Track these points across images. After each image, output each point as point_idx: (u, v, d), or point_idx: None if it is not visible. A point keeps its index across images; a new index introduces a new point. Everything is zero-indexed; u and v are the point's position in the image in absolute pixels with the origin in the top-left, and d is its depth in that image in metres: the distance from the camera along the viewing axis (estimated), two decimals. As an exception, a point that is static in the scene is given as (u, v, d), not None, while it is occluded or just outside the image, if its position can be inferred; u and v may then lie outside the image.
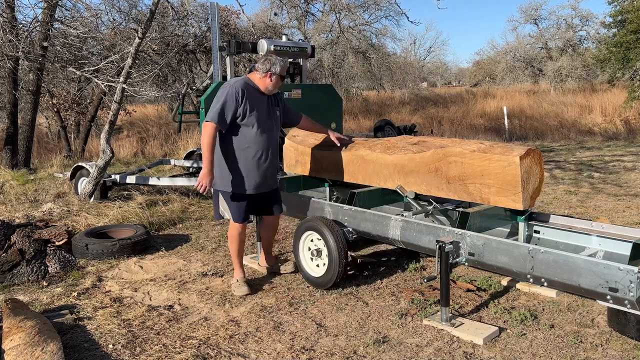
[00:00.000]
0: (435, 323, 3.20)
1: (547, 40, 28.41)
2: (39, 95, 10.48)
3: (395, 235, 3.54)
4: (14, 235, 4.48)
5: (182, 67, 14.11)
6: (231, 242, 3.94)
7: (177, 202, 6.66)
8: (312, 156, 4.51)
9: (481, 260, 3.07)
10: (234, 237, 3.91)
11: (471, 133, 14.56)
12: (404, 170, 3.72)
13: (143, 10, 12.57)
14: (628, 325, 2.91)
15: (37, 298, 3.82)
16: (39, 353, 2.66)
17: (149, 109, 20.47)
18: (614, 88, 19.28)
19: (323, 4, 20.53)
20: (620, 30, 15.76)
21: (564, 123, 15.24)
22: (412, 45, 36.84)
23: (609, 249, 3.21)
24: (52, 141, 14.32)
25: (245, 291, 3.79)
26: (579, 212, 5.94)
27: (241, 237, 3.91)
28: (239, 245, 3.92)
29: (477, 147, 3.30)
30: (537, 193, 3.19)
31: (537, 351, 2.88)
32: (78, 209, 5.99)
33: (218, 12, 4.99)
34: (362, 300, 3.65)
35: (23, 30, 9.12)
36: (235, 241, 3.91)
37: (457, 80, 45.13)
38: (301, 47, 5.34)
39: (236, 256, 3.95)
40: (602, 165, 9.21)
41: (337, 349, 2.97)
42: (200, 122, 4.69)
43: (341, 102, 5.68)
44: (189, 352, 2.94)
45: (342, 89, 20.98)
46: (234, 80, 3.73)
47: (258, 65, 3.72)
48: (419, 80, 28.57)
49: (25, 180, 8.39)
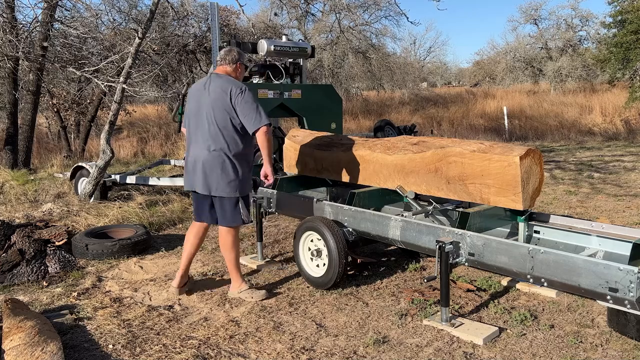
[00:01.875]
0: (435, 323, 3.20)
1: (547, 40, 28.42)
2: (39, 95, 10.48)
3: (395, 236, 3.54)
4: (14, 235, 4.48)
5: (182, 67, 14.11)
6: (233, 248, 3.73)
7: (177, 202, 6.66)
8: (312, 156, 4.51)
9: (481, 260, 3.07)
10: (235, 243, 3.74)
11: (471, 133, 14.56)
12: (404, 170, 3.72)
13: (143, 10, 12.59)
14: (628, 325, 2.91)
15: (37, 298, 3.82)
16: (39, 353, 2.66)
17: (149, 109, 20.48)
18: (614, 88, 19.28)
19: (323, 4, 20.55)
20: (620, 31, 15.76)
21: (564, 123, 15.24)
22: (412, 46, 36.88)
23: (609, 249, 3.21)
24: (52, 141, 14.32)
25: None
26: (579, 212, 5.94)
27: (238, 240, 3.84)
28: (238, 250, 3.82)
29: (477, 147, 3.30)
30: (537, 193, 3.19)
31: (537, 351, 2.88)
32: (78, 209, 5.99)
33: (218, 12, 5.00)
34: (362, 300, 3.65)
35: (23, 31, 9.12)
36: (237, 246, 3.77)
37: (457, 81, 45.10)
38: (301, 47, 5.34)
39: (237, 263, 3.78)
40: (602, 165, 9.21)
41: (337, 349, 2.97)
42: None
43: (341, 102, 5.67)
44: (189, 352, 2.94)
45: (342, 89, 20.99)
46: (238, 82, 3.61)
47: (228, 58, 3.66)
48: (419, 80, 28.58)
49: (25, 180, 8.38)
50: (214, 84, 3.59)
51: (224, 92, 3.51)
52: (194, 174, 3.63)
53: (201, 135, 3.58)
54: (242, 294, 3.72)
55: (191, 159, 3.65)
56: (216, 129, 3.52)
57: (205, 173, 3.56)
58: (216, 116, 3.52)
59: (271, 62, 5.40)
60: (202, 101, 3.60)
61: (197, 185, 3.62)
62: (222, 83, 3.57)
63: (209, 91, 3.58)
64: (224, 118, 3.51)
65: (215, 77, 3.64)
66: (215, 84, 3.58)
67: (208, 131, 3.54)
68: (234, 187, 3.58)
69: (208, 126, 3.54)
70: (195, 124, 3.63)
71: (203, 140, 3.57)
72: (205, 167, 3.55)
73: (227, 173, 3.54)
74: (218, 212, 3.69)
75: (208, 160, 3.54)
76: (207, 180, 3.57)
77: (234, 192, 3.59)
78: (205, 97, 3.58)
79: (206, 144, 3.56)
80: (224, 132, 3.52)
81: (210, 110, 3.54)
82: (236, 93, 3.48)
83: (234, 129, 3.53)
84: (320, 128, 5.14)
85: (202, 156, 3.57)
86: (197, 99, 3.65)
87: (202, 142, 3.58)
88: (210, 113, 3.54)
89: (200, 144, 3.60)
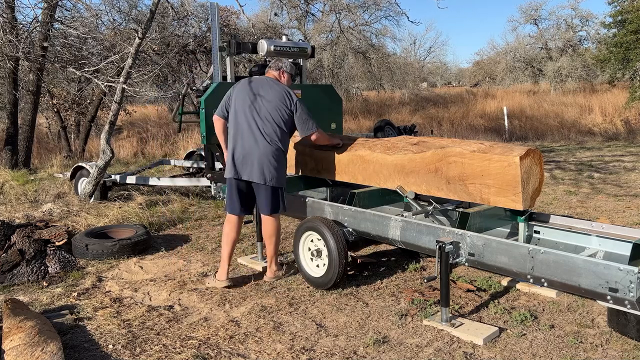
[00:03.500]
0: (435, 323, 3.20)
1: (547, 40, 28.41)
2: (39, 96, 10.48)
3: (395, 236, 3.54)
4: (14, 235, 4.48)
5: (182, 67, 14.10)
6: (278, 236, 4.03)
7: (177, 202, 6.66)
8: (312, 156, 4.51)
9: (481, 260, 3.07)
10: (278, 230, 4.03)
11: (471, 133, 14.56)
12: (404, 170, 3.72)
13: (143, 10, 12.57)
14: (628, 325, 2.91)
15: (37, 298, 3.82)
16: (39, 353, 2.66)
17: (149, 109, 20.46)
18: (614, 88, 19.29)
19: (323, 4, 20.53)
20: (620, 31, 15.75)
21: (564, 123, 15.24)
22: (412, 46, 36.87)
23: (609, 249, 3.21)
24: (52, 141, 14.32)
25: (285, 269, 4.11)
26: (579, 213, 5.94)
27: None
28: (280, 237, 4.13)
29: (477, 148, 3.30)
30: (537, 193, 3.19)
31: (537, 351, 2.88)
32: (78, 209, 5.99)
33: (218, 13, 4.99)
34: (362, 300, 3.65)
35: (23, 31, 9.11)
36: (279, 233, 4.06)
37: (457, 81, 45.10)
38: (301, 48, 5.34)
39: (277, 250, 4.08)
40: (602, 165, 9.21)
41: (337, 349, 2.97)
42: (201, 122, 4.68)
43: (341, 102, 5.67)
44: (189, 353, 2.94)
45: (342, 89, 20.99)
46: (288, 88, 3.99)
47: (275, 64, 4.10)
48: (419, 80, 28.58)
49: (25, 180, 8.38)
50: (268, 86, 3.95)
51: (284, 97, 3.89)
52: (250, 166, 3.85)
53: (257, 129, 3.86)
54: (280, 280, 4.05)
55: (242, 151, 3.86)
56: (274, 126, 3.86)
57: (261, 164, 3.82)
58: (274, 115, 3.87)
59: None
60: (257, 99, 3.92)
61: (254, 175, 3.84)
62: (278, 88, 3.95)
63: (266, 92, 3.91)
64: (281, 118, 3.89)
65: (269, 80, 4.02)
66: (270, 87, 3.94)
67: (270, 127, 3.86)
68: (280, 177, 3.90)
69: (269, 122, 3.87)
70: (248, 119, 3.89)
71: (259, 134, 3.85)
72: (262, 159, 3.82)
73: (282, 165, 3.92)
74: (264, 201, 3.92)
75: (266, 153, 3.82)
76: (264, 171, 3.83)
77: (281, 182, 3.92)
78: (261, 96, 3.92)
79: (265, 138, 3.86)
80: (279, 130, 3.88)
81: (270, 109, 3.88)
82: (294, 100, 3.92)
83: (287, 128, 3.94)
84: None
85: (258, 149, 3.83)
86: (248, 97, 3.93)
87: (259, 135, 3.86)
88: (269, 111, 3.88)
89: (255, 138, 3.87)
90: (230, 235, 3.99)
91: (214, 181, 5.03)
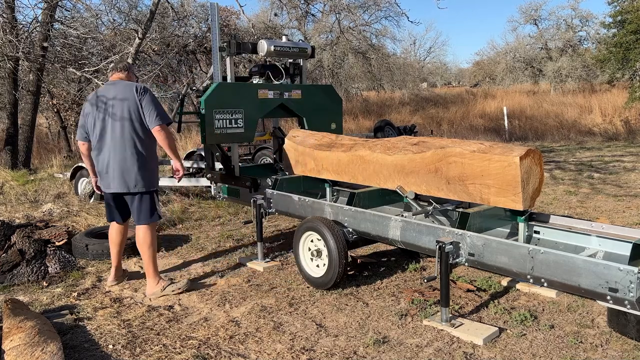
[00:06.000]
0: (435, 323, 3.20)
1: (547, 40, 28.42)
2: (39, 96, 10.48)
3: (395, 236, 3.54)
4: (14, 235, 4.48)
5: (182, 67, 14.12)
6: (153, 244, 3.89)
7: (177, 202, 6.66)
8: (312, 156, 4.51)
9: (481, 260, 3.07)
10: (152, 241, 3.89)
11: (471, 133, 14.56)
12: (404, 170, 3.72)
13: (143, 10, 12.59)
14: (628, 325, 2.91)
15: (37, 298, 3.82)
16: (39, 353, 2.66)
17: (149, 109, 20.44)
18: (613, 88, 19.30)
19: (323, 4, 20.55)
20: (620, 31, 15.76)
21: (563, 123, 15.24)
22: (412, 46, 36.86)
23: (609, 249, 3.21)
24: (52, 141, 14.32)
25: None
26: (579, 213, 5.94)
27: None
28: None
29: (477, 148, 3.30)
30: (537, 193, 3.19)
31: (537, 352, 2.88)
32: (78, 210, 5.99)
33: (218, 13, 4.99)
34: (362, 300, 3.65)
35: (23, 31, 9.12)
36: (154, 244, 3.91)
37: (457, 81, 45.11)
38: (301, 48, 5.34)
39: (155, 261, 3.91)
40: (602, 165, 9.21)
41: (337, 349, 2.97)
42: (201, 123, 4.68)
43: (341, 102, 5.67)
44: (189, 353, 2.94)
45: (342, 90, 21.00)
46: (134, 82, 3.86)
47: (121, 66, 3.95)
48: (418, 80, 28.59)
49: (25, 180, 8.39)
50: (114, 87, 3.80)
51: (131, 90, 3.73)
52: (112, 177, 3.75)
53: (115, 135, 3.72)
54: (166, 290, 3.85)
55: (103, 162, 3.77)
56: (131, 124, 3.71)
57: (121, 171, 3.71)
58: (126, 113, 3.72)
59: (271, 63, 5.40)
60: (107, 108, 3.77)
61: (115, 185, 3.76)
62: (124, 83, 3.81)
63: (115, 93, 3.75)
64: (134, 113, 3.73)
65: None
66: (115, 86, 3.80)
67: (128, 127, 3.71)
68: (149, 180, 3.82)
69: (126, 121, 3.72)
70: (106, 127, 3.76)
71: (117, 139, 3.72)
72: (121, 166, 3.71)
73: (145, 167, 3.78)
74: (135, 210, 3.85)
75: (124, 159, 3.71)
76: (124, 178, 3.73)
77: (151, 186, 3.83)
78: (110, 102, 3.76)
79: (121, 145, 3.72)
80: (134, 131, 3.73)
81: (123, 107, 3.72)
82: (140, 90, 3.74)
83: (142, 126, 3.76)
84: (320, 128, 5.14)
85: (115, 156, 3.72)
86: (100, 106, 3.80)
87: (117, 141, 3.72)
88: (123, 110, 3.72)
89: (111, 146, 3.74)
90: (116, 239, 4.04)
91: (213, 181, 5.03)
